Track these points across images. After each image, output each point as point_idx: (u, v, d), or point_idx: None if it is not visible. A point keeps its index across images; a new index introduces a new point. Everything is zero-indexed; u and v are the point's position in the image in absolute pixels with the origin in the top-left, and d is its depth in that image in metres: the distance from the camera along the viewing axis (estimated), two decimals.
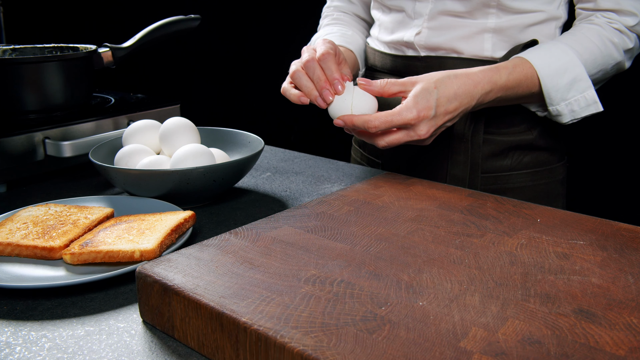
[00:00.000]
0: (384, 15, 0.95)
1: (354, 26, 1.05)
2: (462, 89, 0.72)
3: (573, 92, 0.79)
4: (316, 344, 0.38)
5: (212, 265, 0.50)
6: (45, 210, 0.68)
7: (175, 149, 0.80)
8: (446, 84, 0.72)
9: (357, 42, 1.00)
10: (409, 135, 0.71)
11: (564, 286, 0.46)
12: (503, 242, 0.55)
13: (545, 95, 0.79)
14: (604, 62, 0.80)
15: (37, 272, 0.58)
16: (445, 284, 0.47)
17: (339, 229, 0.58)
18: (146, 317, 0.50)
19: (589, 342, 0.39)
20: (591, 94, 0.79)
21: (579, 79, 0.78)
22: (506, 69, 0.77)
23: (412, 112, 0.69)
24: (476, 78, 0.74)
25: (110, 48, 1.04)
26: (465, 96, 0.73)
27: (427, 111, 0.70)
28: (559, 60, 0.78)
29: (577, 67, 0.78)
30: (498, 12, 0.83)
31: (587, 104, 0.79)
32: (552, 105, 0.80)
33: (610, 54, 0.80)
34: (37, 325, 0.50)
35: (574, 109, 0.80)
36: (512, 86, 0.77)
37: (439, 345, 0.38)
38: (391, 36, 0.93)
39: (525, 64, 0.78)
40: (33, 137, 0.87)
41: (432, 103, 0.70)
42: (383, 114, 0.70)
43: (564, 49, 0.79)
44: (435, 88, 0.71)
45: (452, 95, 0.71)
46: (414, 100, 0.70)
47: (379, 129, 0.70)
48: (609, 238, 0.56)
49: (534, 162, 0.90)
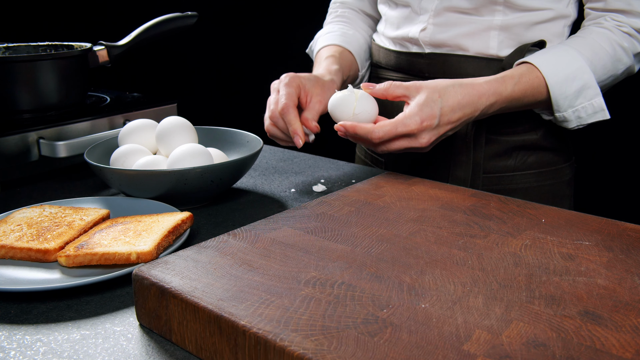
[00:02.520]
0: (391, 10, 0.95)
1: (357, 24, 1.05)
2: (466, 100, 0.73)
3: (581, 99, 0.79)
4: (316, 348, 0.38)
5: (210, 268, 0.50)
6: (39, 212, 0.68)
7: (172, 148, 0.80)
8: (450, 93, 0.72)
9: (357, 42, 1.00)
10: (410, 142, 0.72)
11: (570, 288, 0.46)
12: (507, 243, 0.55)
13: (553, 102, 0.79)
14: (614, 68, 0.80)
15: (32, 275, 0.58)
16: (448, 285, 0.47)
17: (340, 230, 0.58)
18: (143, 321, 0.50)
19: (595, 344, 0.39)
20: (599, 101, 0.79)
21: (588, 86, 0.78)
22: (512, 80, 0.77)
23: (415, 121, 0.70)
24: (481, 89, 0.74)
25: (105, 46, 1.04)
26: (469, 107, 0.73)
27: (431, 120, 0.70)
28: (568, 67, 0.78)
29: (586, 74, 0.78)
30: (505, 9, 0.83)
31: (594, 111, 0.79)
32: (559, 112, 0.80)
33: (620, 59, 0.80)
34: (32, 329, 0.50)
35: (581, 115, 0.80)
36: (517, 97, 0.77)
37: (442, 348, 0.38)
38: (396, 32, 0.93)
39: (532, 72, 0.78)
40: (27, 137, 0.87)
41: (436, 112, 0.71)
42: (387, 125, 0.70)
43: (574, 55, 0.78)
44: (440, 97, 0.71)
45: (455, 106, 0.72)
46: (418, 109, 0.70)
47: (383, 139, 0.71)
48: (615, 238, 0.56)
49: (538, 162, 0.90)
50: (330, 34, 1.00)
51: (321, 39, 1.00)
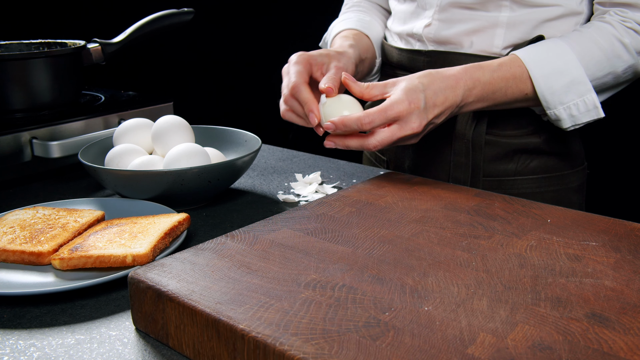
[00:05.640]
0: (399, 5, 0.95)
1: (374, 14, 1.05)
2: (445, 84, 0.74)
3: (571, 95, 0.77)
4: (317, 352, 0.38)
5: (208, 270, 0.50)
6: (33, 214, 0.69)
7: (168, 148, 0.80)
8: (429, 79, 0.74)
9: (374, 28, 1.00)
10: (402, 129, 0.71)
11: (576, 289, 0.46)
12: (512, 244, 0.55)
13: (540, 97, 0.78)
14: (611, 65, 0.78)
15: (25, 278, 0.58)
16: (451, 287, 0.47)
17: (340, 231, 0.58)
18: (139, 325, 0.50)
19: (602, 347, 0.39)
20: (591, 98, 0.77)
21: (578, 81, 0.77)
22: (490, 67, 0.77)
23: (403, 103, 0.71)
24: (458, 74, 0.76)
25: (99, 43, 1.04)
26: (449, 90, 0.74)
27: (418, 102, 0.71)
28: (556, 60, 0.77)
29: (576, 68, 0.77)
30: (511, 4, 0.82)
31: (586, 109, 0.78)
32: (550, 109, 0.79)
33: (618, 55, 0.78)
34: (25, 334, 0.50)
35: (573, 113, 0.78)
36: (498, 86, 0.77)
37: (446, 352, 0.38)
38: (402, 27, 0.93)
39: (514, 62, 0.78)
40: (20, 137, 0.87)
41: (421, 96, 0.72)
42: (375, 110, 0.70)
43: (563, 48, 0.77)
44: (420, 82, 0.73)
45: (437, 89, 0.73)
46: (403, 94, 0.71)
47: (374, 124, 0.70)
48: (623, 239, 0.56)
49: (541, 167, 0.89)
50: (346, 21, 1.00)
51: (336, 27, 1.00)
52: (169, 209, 0.70)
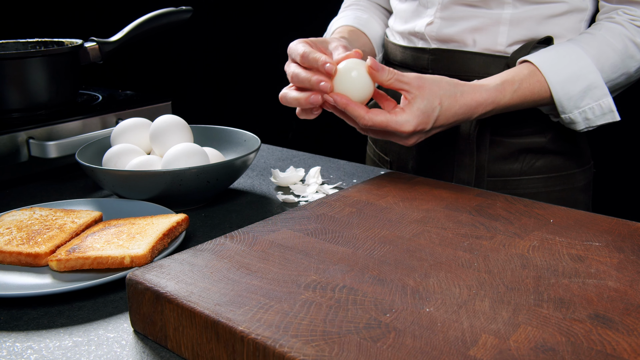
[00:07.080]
0: (400, 3, 0.95)
1: (372, 12, 1.05)
2: (463, 110, 0.74)
3: (587, 100, 0.78)
4: (317, 354, 0.38)
5: (207, 271, 0.50)
6: (29, 215, 0.69)
7: (166, 148, 0.80)
8: (450, 103, 0.73)
9: (372, 27, 1.00)
10: (396, 140, 0.74)
11: (579, 290, 0.46)
12: (514, 244, 0.55)
13: (557, 103, 0.78)
14: (625, 66, 0.79)
15: (22, 280, 0.58)
16: (453, 288, 0.47)
17: (341, 232, 0.58)
18: (137, 327, 0.50)
19: (606, 349, 0.39)
20: (607, 102, 0.78)
21: (594, 86, 0.77)
22: (512, 87, 0.77)
23: (410, 125, 0.71)
24: (480, 99, 0.75)
25: (97, 42, 1.04)
26: (464, 115, 0.75)
27: (424, 126, 0.72)
28: (572, 65, 0.77)
29: (592, 73, 0.77)
30: (514, 1, 0.82)
31: (602, 112, 0.79)
32: (565, 114, 0.79)
33: (632, 55, 0.79)
34: (22, 336, 0.50)
35: (589, 117, 0.79)
36: (515, 104, 0.78)
37: (447, 353, 0.38)
38: (404, 25, 0.93)
39: (533, 76, 0.77)
40: (16, 137, 0.87)
41: (432, 119, 0.72)
42: (379, 116, 0.70)
43: (578, 53, 0.78)
44: (440, 104, 0.72)
45: (451, 116, 0.73)
46: (414, 116, 0.71)
47: (371, 127, 0.71)
48: (626, 239, 0.56)
49: (547, 167, 0.89)
50: (343, 19, 1.00)
51: (334, 25, 1.01)
52: (167, 210, 0.70)
